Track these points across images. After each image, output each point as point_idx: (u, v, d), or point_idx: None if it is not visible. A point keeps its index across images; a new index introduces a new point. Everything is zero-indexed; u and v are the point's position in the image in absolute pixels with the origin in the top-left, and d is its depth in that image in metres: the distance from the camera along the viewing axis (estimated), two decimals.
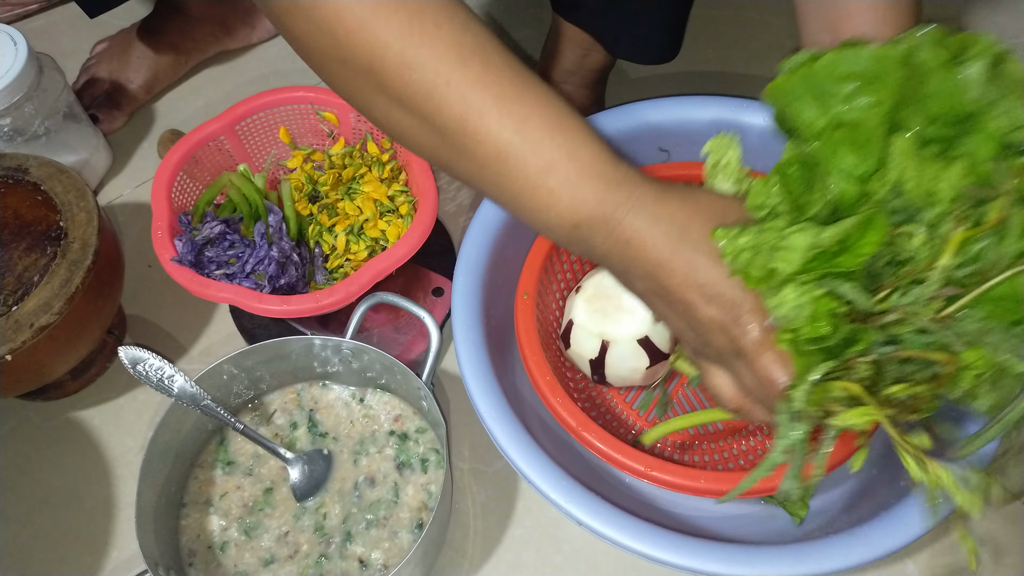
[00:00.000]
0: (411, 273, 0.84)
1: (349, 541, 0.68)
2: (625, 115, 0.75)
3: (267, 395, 0.75)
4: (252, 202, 0.77)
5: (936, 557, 0.71)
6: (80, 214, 0.72)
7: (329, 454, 0.71)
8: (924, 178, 0.43)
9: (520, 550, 0.73)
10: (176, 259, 0.71)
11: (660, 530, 0.58)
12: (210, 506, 0.70)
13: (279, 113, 0.83)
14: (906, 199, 0.44)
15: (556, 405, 0.62)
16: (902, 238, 0.44)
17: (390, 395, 0.74)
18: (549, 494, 0.59)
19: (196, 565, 0.67)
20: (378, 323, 0.82)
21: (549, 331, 0.73)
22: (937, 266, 0.43)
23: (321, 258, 0.78)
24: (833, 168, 0.45)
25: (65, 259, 0.69)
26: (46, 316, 0.66)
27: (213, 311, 0.87)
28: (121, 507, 0.76)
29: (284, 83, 1.02)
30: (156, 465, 0.65)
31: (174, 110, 1.04)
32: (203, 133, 0.79)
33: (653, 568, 0.70)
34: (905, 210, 0.44)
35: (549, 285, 0.73)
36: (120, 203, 0.96)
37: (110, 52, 1.02)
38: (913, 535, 0.57)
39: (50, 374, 0.73)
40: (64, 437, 0.79)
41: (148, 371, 0.65)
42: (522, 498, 0.75)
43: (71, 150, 0.91)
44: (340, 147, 0.83)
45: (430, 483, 0.70)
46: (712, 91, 0.78)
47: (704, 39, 1.06)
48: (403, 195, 0.79)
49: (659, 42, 0.85)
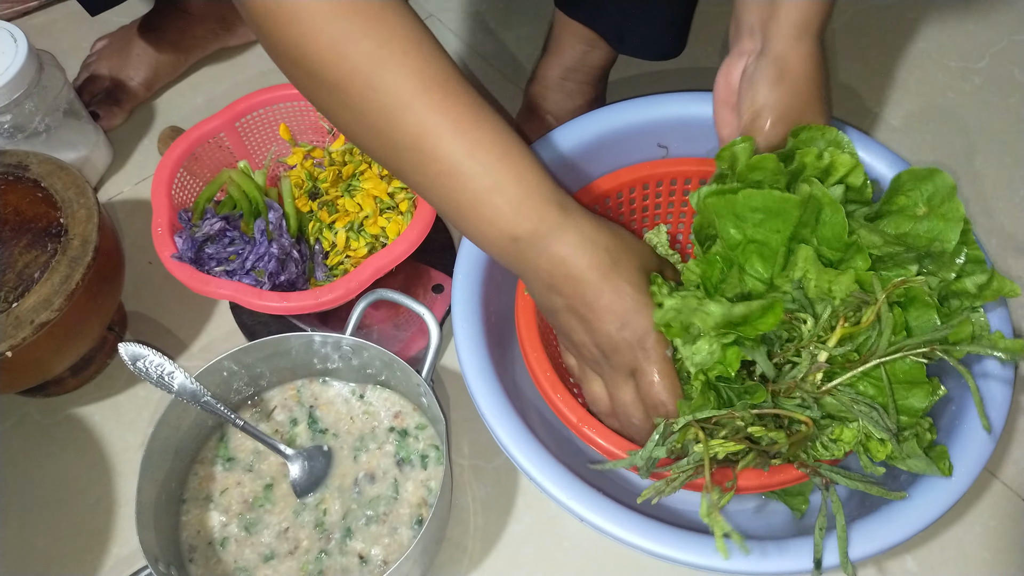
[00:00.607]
0: (411, 270, 0.84)
1: (349, 537, 0.68)
2: (624, 111, 0.75)
3: (267, 391, 0.75)
4: (252, 199, 0.77)
5: (936, 552, 0.71)
6: (80, 211, 0.72)
7: (329, 450, 0.72)
8: (822, 280, 0.54)
9: (520, 546, 0.73)
10: (176, 256, 0.71)
11: (661, 525, 0.58)
12: (210, 502, 0.70)
13: (279, 110, 0.83)
14: (805, 292, 0.55)
15: (556, 401, 0.62)
16: (796, 321, 0.55)
17: (390, 391, 0.74)
18: (549, 490, 0.59)
19: (196, 561, 0.67)
20: (378, 320, 0.82)
21: (549, 327, 0.73)
22: (820, 347, 0.55)
23: (321, 255, 0.78)
24: (747, 269, 0.57)
25: (65, 256, 0.69)
26: (46, 313, 0.66)
27: (213, 308, 0.87)
28: (122, 503, 0.76)
29: (284, 80, 1.02)
30: (156, 461, 0.65)
31: (174, 107, 1.05)
32: (203, 130, 0.79)
33: (654, 563, 0.71)
34: (802, 300, 0.55)
35: None
36: (120, 200, 0.96)
37: (110, 49, 1.02)
38: (913, 530, 0.57)
39: (50, 371, 0.73)
40: (65, 434, 0.80)
41: (148, 368, 0.65)
42: (522, 494, 0.75)
43: (71, 147, 0.91)
44: (340, 144, 0.83)
45: (430, 479, 0.70)
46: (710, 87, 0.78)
47: (704, 36, 1.06)
48: (403, 192, 0.79)
49: (665, 38, 0.85)
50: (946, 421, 0.62)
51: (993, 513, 0.73)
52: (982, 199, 0.92)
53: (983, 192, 0.92)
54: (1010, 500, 0.74)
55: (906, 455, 0.55)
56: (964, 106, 1.00)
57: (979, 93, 1.01)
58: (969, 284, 0.55)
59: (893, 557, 0.71)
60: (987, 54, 1.05)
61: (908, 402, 0.55)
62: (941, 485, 0.58)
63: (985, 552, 0.71)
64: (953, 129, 0.98)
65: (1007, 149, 0.96)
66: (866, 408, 0.54)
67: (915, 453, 0.55)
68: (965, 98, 1.01)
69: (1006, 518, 0.73)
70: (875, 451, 0.55)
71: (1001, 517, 0.73)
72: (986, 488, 0.74)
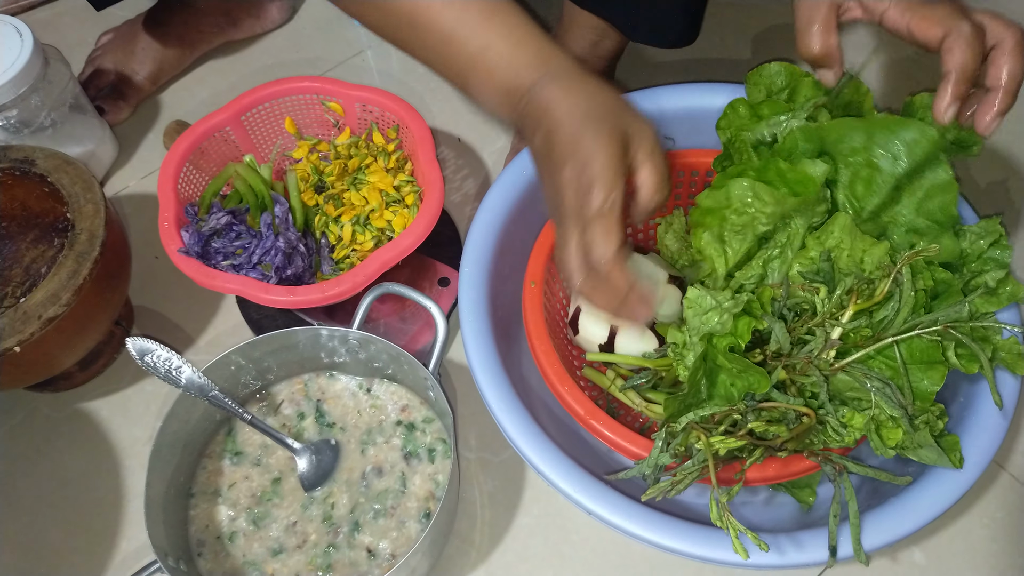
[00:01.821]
0: (417, 263, 0.84)
1: (357, 531, 0.68)
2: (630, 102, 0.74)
3: (274, 385, 0.75)
4: (258, 193, 0.77)
5: (944, 544, 0.71)
6: (87, 206, 0.72)
7: (337, 444, 0.72)
8: (856, 249, 0.58)
9: (527, 539, 0.73)
10: (183, 250, 0.71)
11: (669, 518, 0.58)
12: (219, 496, 0.70)
13: (284, 103, 0.83)
14: (836, 263, 0.59)
15: (564, 393, 0.62)
16: (809, 293, 0.58)
17: (397, 385, 0.74)
18: (557, 483, 0.59)
19: (205, 555, 0.68)
20: (384, 313, 0.82)
21: (556, 319, 0.73)
22: (834, 323, 0.56)
23: (327, 248, 0.78)
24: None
25: (72, 250, 0.69)
26: (54, 307, 0.66)
27: (220, 302, 0.87)
28: (130, 498, 0.76)
29: (289, 74, 1.02)
30: (165, 456, 0.66)
31: (180, 101, 1.04)
32: (209, 124, 0.79)
33: (662, 556, 0.71)
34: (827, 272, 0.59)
35: (556, 273, 0.73)
36: (126, 194, 0.96)
37: (115, 43, 1.02)
38: (921, 522, 0.57)
39: (58, 365, 0.73)
40: (73, 428, 0.80)
41: (156, 362, 0.65)
42: (529, 487, 0.75)
43: (77, 142, 0.91)
44: (346, 137, 0.83)
45: (437, 473, 0.70)
46: (717, 79, 0.78)
47: (710, 26, 1.06)
48: (409, 185, 0.79)
49: (679, 25, 0.84)
50: (955, 411, 0.62)
51: (1001, 504, 0.73)
52: None
53: None
54: (1018, 492, 0.73)
55: (917, 444, 0.55)
56: None
57: None
58: (989, 279, 0.58)
59: (901, 549, 0.71)
60: None
61: (922, 384, 0.54)
62: (950, 476, 0.58)
63: (993, 543, 0.71)
64: None
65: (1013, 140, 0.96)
66: (879, 384, 0.54)
67: (927, 442, 0.55)
68: None
69: (1014, 509, 0.72)
70: (887, 435, 0.55)
71: (1009, 508, 0.72)
72: (994, 480, 0.74)
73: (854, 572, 0.70)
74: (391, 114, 0.80)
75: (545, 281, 0.69)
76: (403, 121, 0.79)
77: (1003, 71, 0.54)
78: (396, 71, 1.06)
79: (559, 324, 0.73)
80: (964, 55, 0.53)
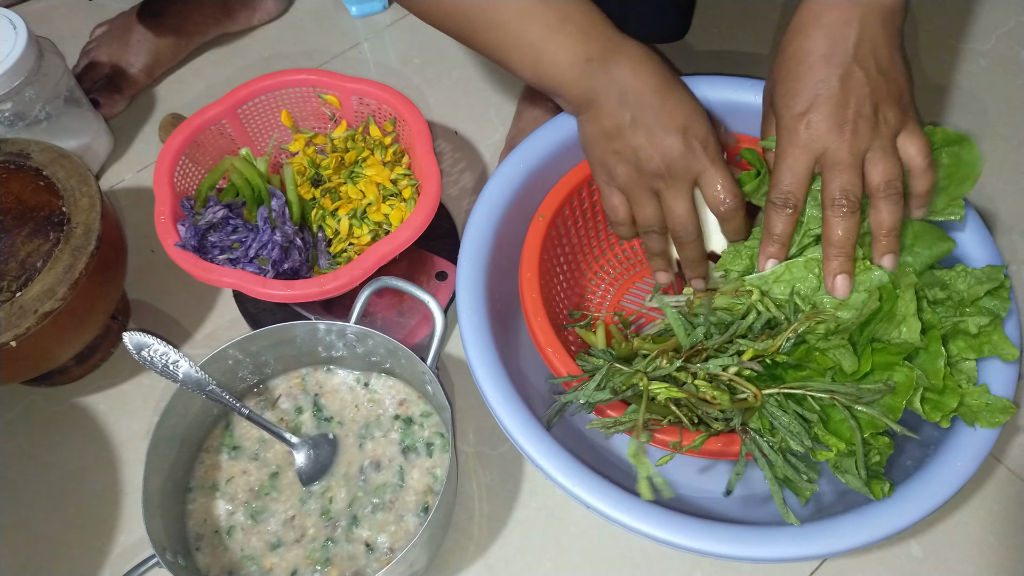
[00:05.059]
0: (415, 257, 0.84)
1: (355, 525, 0.68)
2: None
3: (272, 380, 0.75)
4: (255, 186, 0.76)
5: (941, 537, 0.71)
6: (83, 199, 0.71)
7: (334, 438, 0.72)
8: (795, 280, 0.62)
9: (526, 532, 0.73)
10: (179, 244, 0.71)
11: (667, 511, 0.58)
12: (216, 491, 0.70)
13: (281, 96, 0.82)
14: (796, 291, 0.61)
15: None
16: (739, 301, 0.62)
17: (395, 379, 0.74)
18: (555, 476, 0.59)
19: (203, 549, 0.67)
20: (382, 307, 0.82)
21: (556, 312, 0.73)
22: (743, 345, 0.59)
23: (324, 242, 0.77)
24: None
25: (68, 245, 0.69)
26: (50, 302, 0.66)
27: (217, 296, 0.87)
28: (128, 492, 0.76)
29: (286, 66, 1.02)
30: (162, 450, 0.65)
31: (175, 94, 1.04)
32: (205, 117, 0.78)
33: (659, 550, 0.71)
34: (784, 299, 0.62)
35: (552, 265, 0.73)
36: (122, 188, 0.96)
37: (110, 35, 1.02)
38: (919, 515, 0.57)
39: (55, 360, 0.73)
40: (70, 423, 0.80)
41: (153, 356, 0.65)
42: (527, 481, 0.75)
43: (72, 135, 0.91)
44: (342, 130, 0.82)
45: (435, 467, 0.70)
46: (715, 71, 0.78)
47: (707, 19, 1.05)
48: (406, 178, 0.79)
49: (669, 19, 0.84)
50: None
51: (997, 498, 0.73)
52: (988, 180, 0.91)
53: (989, 173, 0.92)
54: (1015, 485, 0.74)
55: (844, 470, 0.57)
56: (970, 87, 0.99)
57: (985, 74, 1.01)
58: (972, 325, 0.60)
59: (898, 543, 0.71)
60: (993, 35, 1.04)
61: (829, 440, 0.57)
62: (948, 470, 0.58)
63: (990, 536, 0.71)
64: (960, 111, 0.97)
65: (1014, 131, 0.95)
66: (787, 420, 0.57)
67: (851, 470, 0.57)
68: (971, 79, 1.00)
69: (1011, 503, 0.73)
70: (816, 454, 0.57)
71: (1006, 502, 0.73)
72: (991, 473, 0.74)
73: (852, 567, 0.70)
74: (388, 107, 0.80)
75: (541, 272, 0.68)
76: (400, 114, 0.79)
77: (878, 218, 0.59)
78: (393, 64, 1.06)
79: (558, 317, 0.73)
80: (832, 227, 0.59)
